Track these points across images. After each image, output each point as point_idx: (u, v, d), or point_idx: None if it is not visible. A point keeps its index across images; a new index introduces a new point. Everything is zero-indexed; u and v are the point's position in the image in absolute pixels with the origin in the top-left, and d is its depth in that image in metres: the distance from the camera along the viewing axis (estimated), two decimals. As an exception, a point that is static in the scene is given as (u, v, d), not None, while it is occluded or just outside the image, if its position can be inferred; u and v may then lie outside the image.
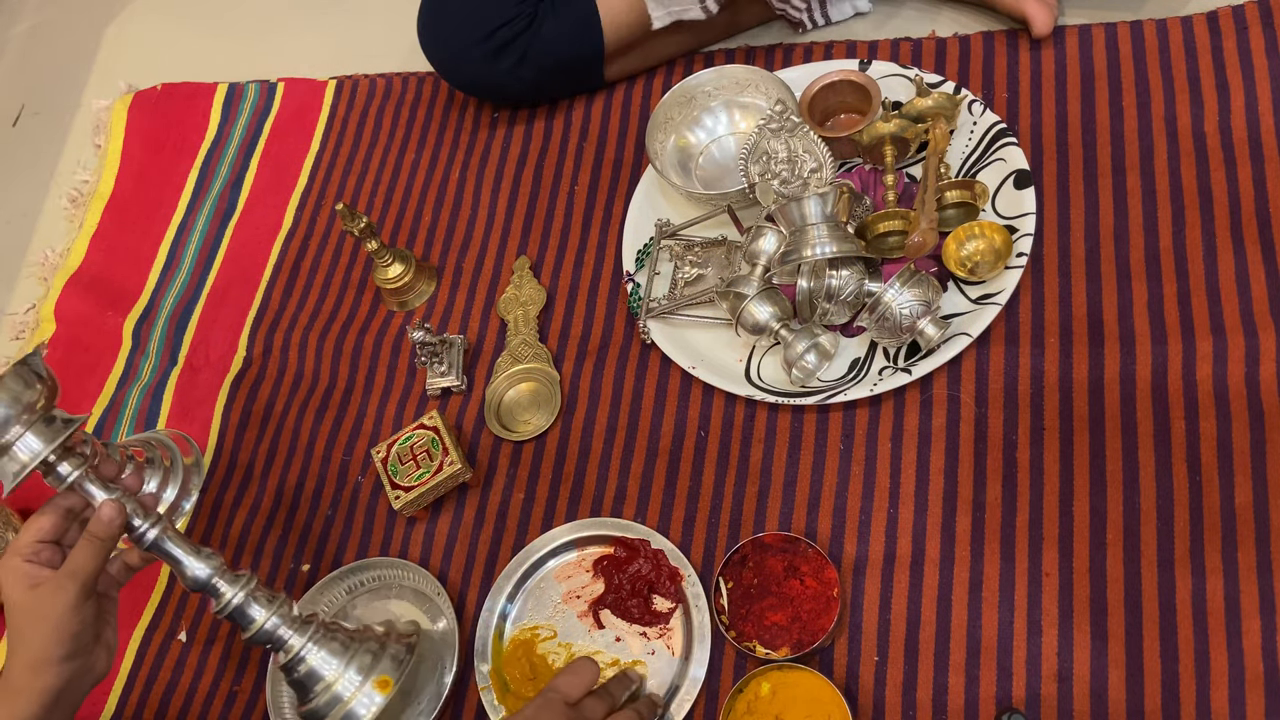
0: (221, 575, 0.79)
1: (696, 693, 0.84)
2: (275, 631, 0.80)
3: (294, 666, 0.81)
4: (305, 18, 1.46)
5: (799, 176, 0.95)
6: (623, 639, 0.89)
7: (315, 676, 0.81)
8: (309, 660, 0.81)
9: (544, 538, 0.93)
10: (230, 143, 1.33)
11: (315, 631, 0.82)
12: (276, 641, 0.81)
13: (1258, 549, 0.77)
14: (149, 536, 0.77)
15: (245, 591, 0.79)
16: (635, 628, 0.89)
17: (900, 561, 0.85)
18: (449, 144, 1.22)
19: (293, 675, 0.81)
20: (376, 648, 0.84)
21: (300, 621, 0.82)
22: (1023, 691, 0.78)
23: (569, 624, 0.91)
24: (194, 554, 0.79)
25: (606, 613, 0.90)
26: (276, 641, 0.81)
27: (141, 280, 1.25)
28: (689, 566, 0.89)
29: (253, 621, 0.79)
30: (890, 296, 0.87)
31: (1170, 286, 0.88)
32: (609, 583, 0.90)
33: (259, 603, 0.80)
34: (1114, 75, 1.00)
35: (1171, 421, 0.83)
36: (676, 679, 0.85)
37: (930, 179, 0.93)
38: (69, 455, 0.76)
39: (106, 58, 1.54)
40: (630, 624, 0.89)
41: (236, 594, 0.79)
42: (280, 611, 0.81)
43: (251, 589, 0.80)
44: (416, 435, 0.98)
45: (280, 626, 0.80)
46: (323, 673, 0.81)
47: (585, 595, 0.91)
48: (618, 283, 1.06)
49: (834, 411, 0.92)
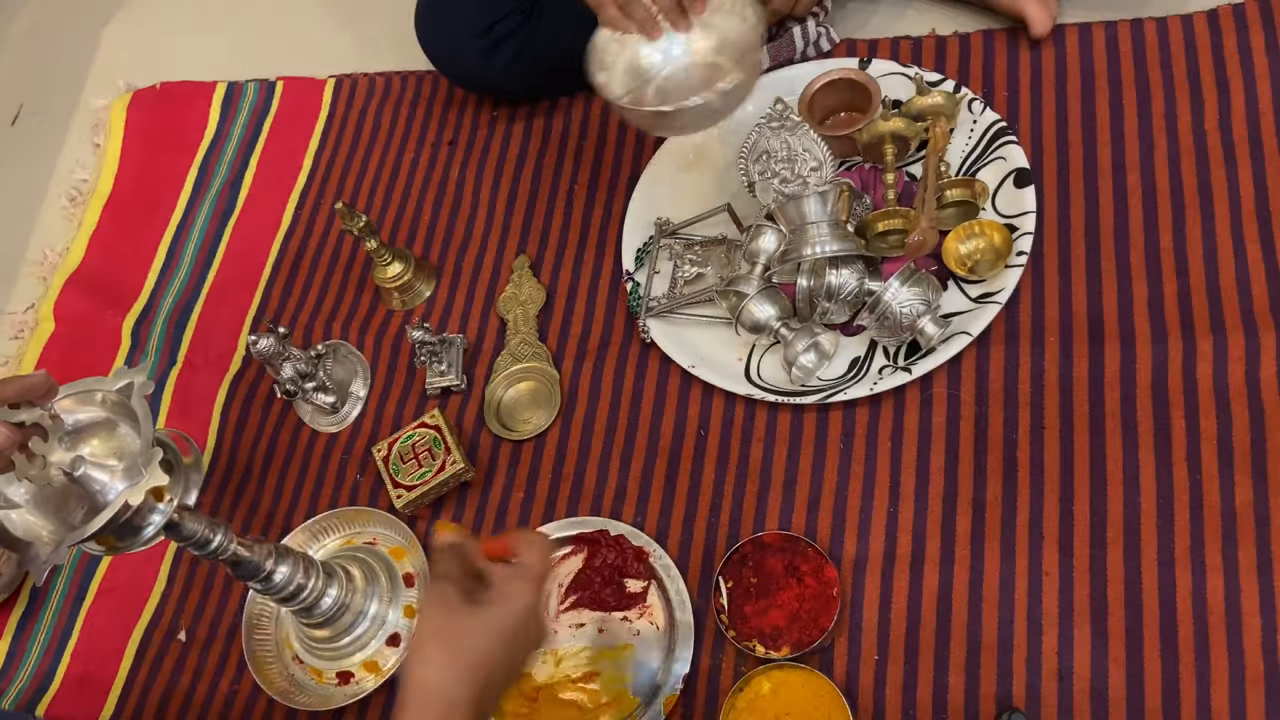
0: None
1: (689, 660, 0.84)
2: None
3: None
4: (304, 16, 1.45)
5: (799, 175, 0.95)
6: (605, 629, 0.89)
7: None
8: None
9: None
10: (229, 141, 1.33)
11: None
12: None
13: (1258, 548, 0.77)
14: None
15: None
16: (615, 615, 0.89)
17: (900, 560, 0.85)
18: (448, 142, 1.22)
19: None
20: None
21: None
22: (1023, 690, 0.78)
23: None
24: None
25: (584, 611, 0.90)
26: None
27: (141, 279, 1.25)
28: (652, 542, 0.90)
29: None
30: (890, 295, 0.86)
31: (1170, 285, 0.88)
32: (582, 585, 0.91)
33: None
34: (1114, 73, 1.00)
35: (1172, 420, 0.83)
36: (667, 651, 0.86)
37: (930, 177, 0.92)
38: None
39: (105, 57, 1.54)
40: (609, 613, 0.89)
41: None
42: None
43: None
44: (418, 434, 0.98)
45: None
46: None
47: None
48: (617, 281, 1.06)
49: (834, 410, 0.92)
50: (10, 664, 1.04)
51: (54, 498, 0.69)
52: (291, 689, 0.93)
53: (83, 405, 0.72)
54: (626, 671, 0.86)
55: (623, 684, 0.86)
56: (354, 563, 0.94)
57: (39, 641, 1.04)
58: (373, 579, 0.93)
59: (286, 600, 0.87)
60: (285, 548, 0.87)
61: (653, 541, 0.90)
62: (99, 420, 0.72)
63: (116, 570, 1.06)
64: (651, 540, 0.90)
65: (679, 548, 0.91)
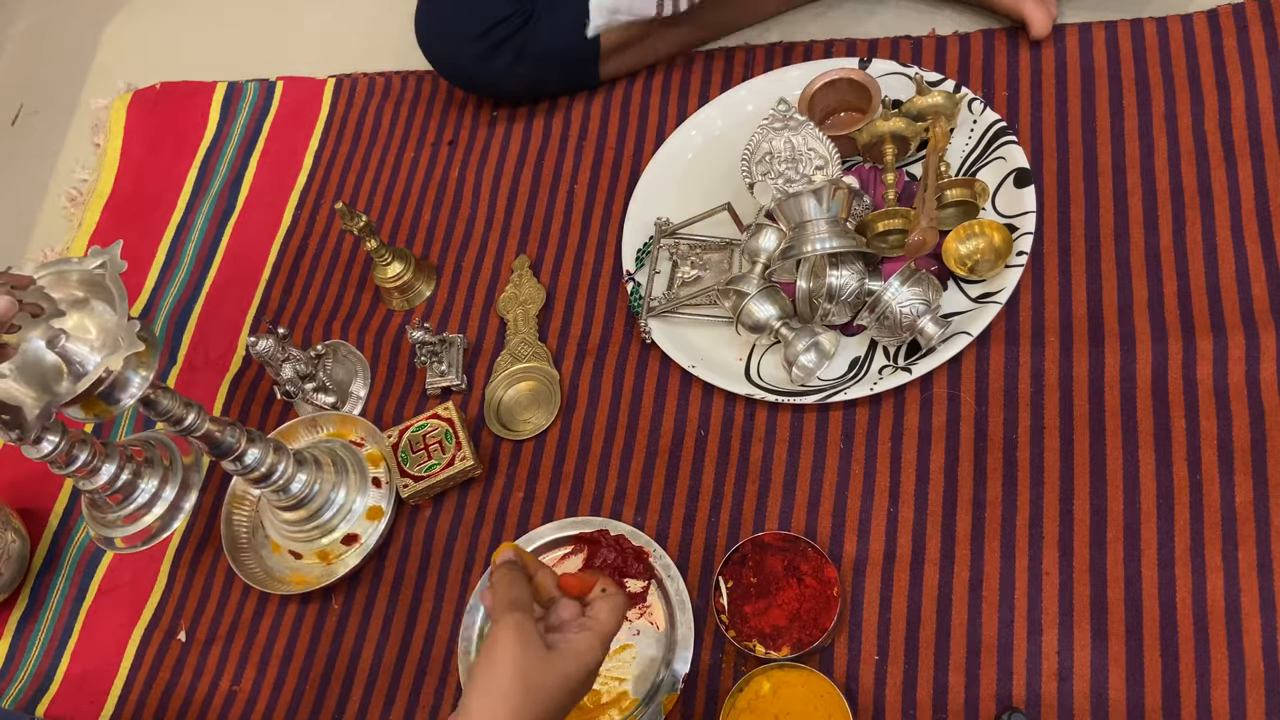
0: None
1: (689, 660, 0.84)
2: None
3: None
4: (304, 16, 1.45)
5: (803, 175, 0.94)
6: None
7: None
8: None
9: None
10: (229, 141, 1.33)
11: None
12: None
13: (1258, 548, 0.77)
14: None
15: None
16: None
17: (900, 560, 0.85)
18: (448, 142, 1.22)
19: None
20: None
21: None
22: (1023, 690, 0.78)
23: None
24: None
25: None
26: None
27: (141, 279, 1.25)
28: (652, 542, 0.90)
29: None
30: (890, 295, 0.86)
31: (1170, 285, 0.88)
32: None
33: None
34: (1114, 73, 1.00)
35: (1172, 420, 0.83)
36: (667, 650, 0.86)
37: (930, 177, 0.92)
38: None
39: (105, 56, 1.54)
40: None
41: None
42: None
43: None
44: (430, 425, 0.98)
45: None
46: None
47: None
48: (617, 281, 1.06)
49: (834, 410, 0.92)
50: (10, 664, 1.04)
51: (37, 370, 0.73)
52: (269, 578, 0.98)
53: (59, 285, 0.76)
54: (626, 671, 0.87)
55: (622, 684, 0.86)
56: (326, 454, 0.99)
57: (39, 641, 1.04)
58: (342, 470, 0.98)
59: (259, 481, 0.92)
60: (258, 433, 0.91)
61: (653, 541, 0.90)
62: (76, 299, 0.75)
63: (116, 570, 1.06)
64: (651, 540, 0.90)
65: (679, 548, 0.91)
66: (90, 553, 1.08)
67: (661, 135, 1.12)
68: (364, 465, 1.00)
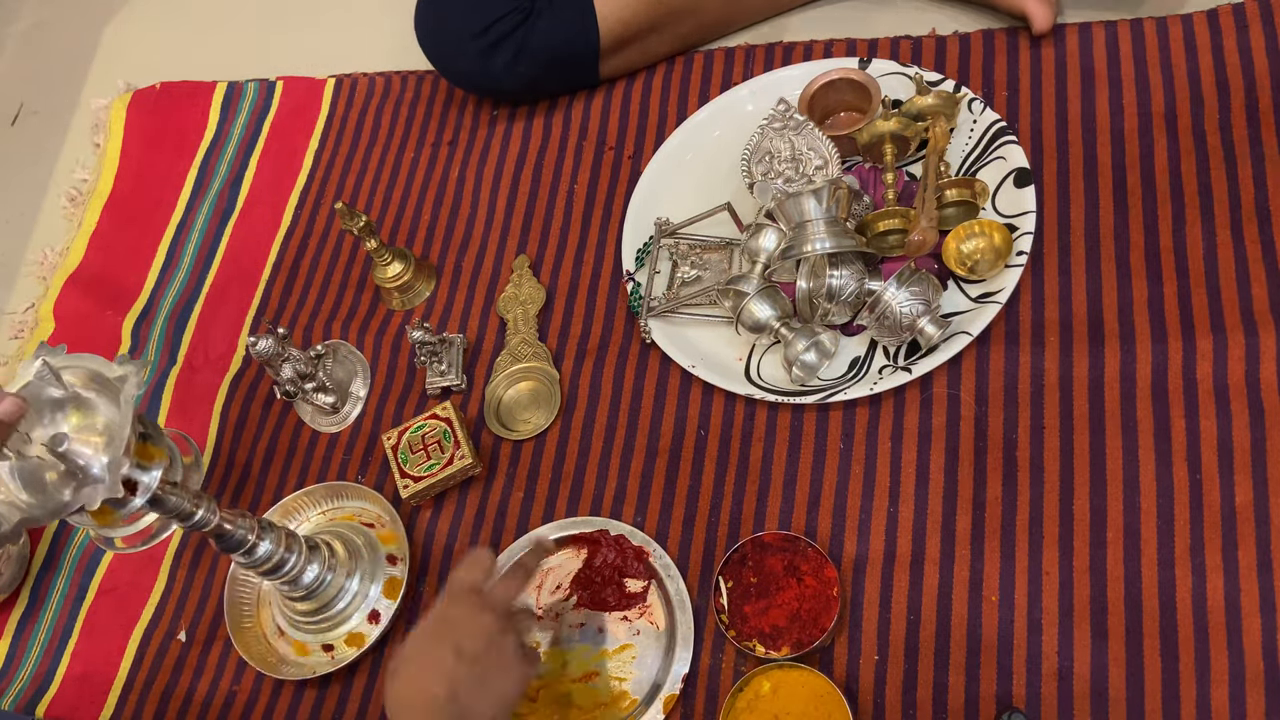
0: None
1: (689, 660, 0.85)
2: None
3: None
4: (304, 16, 1.45)
5: (803, 175, 0.95)
6: (605, 629, 0.89)
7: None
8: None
9: (504, 555, 0.94)
10: (229, 141, 1.33)
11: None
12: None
13: (1258, 548, 0.77)
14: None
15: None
16: (615, 614, 0.89)
17: (900, 560, 0.85)
18: (448, 142, 1.22)
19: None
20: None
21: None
22: (1023, 690, 0.78)
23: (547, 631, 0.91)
24: None
25: (584, 610, 0.90)
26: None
27: (140, 279, 1.25)
28: (651, 542, 0.90)
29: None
30: (890, 295, 0.86)
31: (1170, 285, 0.88)
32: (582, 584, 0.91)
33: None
34: (1114, 73, 1.00)
35: (1172, 420, 0.83)
36: (666, 650, 0.86)
37: (930, 177, 0.92)
38: None
39: (105, 56, 1.54)
40: (609, 612, 0.89)
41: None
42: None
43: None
44: (429, 425, 0.98)
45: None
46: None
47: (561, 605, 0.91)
48: (617, 281, 1.06)
49: (834, 410, 0.92)
50: (10, 664, 1.04)
51: (35, 473, 0.71)
52: (278, 662, 0.95)
53: (54, 384, 0.74)
54: (626, 671, 0.87)
55: (622, 684, 0.86)
56: (336, 538, 0.96)
57: (39, 641, 1.04)
58: (355, 554, 0.96)
59: (270, 573, 0.89)
60: (269, 522, 0.89)
61: (652, 541, 0.90)
62: (73, 398, 0.73)
63: (116, 570, 1.06)
64: (651, 540, 0.90)
65: (679, 548, 0.91)
66: (90, 553, 1.08)
67: (661, 135, 1.12)
68: (374, 542, 0.97)
